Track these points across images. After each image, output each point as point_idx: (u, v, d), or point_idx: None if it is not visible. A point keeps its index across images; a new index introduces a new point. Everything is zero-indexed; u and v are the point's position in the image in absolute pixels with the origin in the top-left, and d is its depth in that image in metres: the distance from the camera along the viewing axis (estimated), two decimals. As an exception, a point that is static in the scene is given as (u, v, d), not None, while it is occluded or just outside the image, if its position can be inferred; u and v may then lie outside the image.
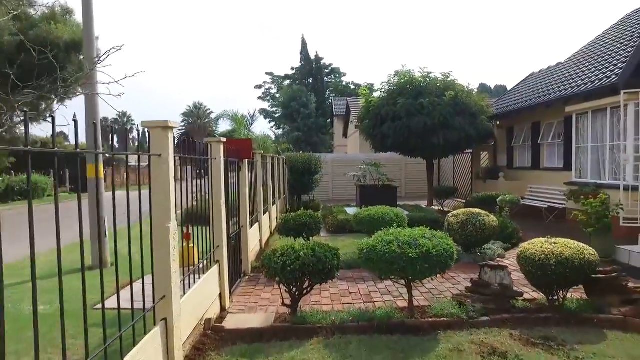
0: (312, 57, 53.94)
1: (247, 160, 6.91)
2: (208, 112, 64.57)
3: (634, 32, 12.25)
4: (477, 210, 7.68)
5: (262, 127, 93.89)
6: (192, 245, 6.52)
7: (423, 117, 13.21)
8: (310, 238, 7.38)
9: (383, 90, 14.96)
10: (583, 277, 4.69)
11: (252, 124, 22.48)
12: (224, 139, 5.25)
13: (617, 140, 9.43)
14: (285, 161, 15.41)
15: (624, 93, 7.79)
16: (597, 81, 10.16)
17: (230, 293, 5.72)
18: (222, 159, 5.25)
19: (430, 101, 13.26)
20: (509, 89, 27.14)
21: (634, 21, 13.38)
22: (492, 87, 71.22)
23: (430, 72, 14.45)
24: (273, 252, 4.56)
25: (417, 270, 4.16)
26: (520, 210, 13.26)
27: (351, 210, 12.23)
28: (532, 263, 4.67)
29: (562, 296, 4.87)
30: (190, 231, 5.29)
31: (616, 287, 4.96)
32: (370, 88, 15.63)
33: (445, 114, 13.03)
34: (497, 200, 9.95)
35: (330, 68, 56.30)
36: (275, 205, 12.38)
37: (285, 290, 4.53)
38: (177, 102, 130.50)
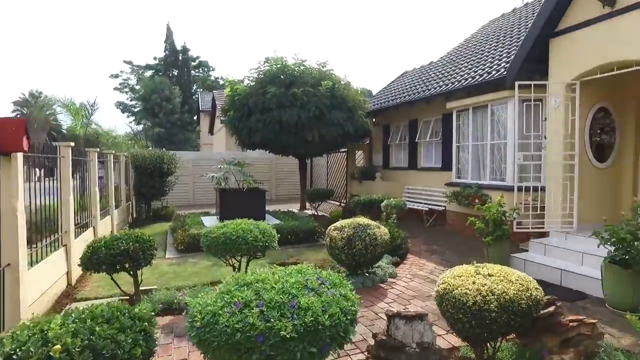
0: (179, 47, 49.30)
1: (21, 154, 4.22)
2: (50, 102, 54.87)
3: (499, 34, 12.55)
4: (366, 220, 6.13)
5: (118, 122, 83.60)
6: None
7: (296, 110, 11.53)
8: (138, 273, 4.97)
9: (252, 78, 12.89)
10: (529, 322, 3.29)
11: (92, 114, 18.40)
12: None
13: (498, 138, 8.89)
14: (130, 160, 12.35)
15: (519, 86, 7.04)
16: (477, 77, 9.59)
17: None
18: None
19: (305, 91, 11.65)
20: (374, 92, 27.60)
21: (501, 24, 13.95)
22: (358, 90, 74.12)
23: (305, 60, 12.87)
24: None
25: None
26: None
27: (209, 221, 9.91)
28: (463, 309, 3.10)
29: (493, 346, 3.44)
30: None
31: (553, 324, 3.73)
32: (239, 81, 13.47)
33: (321, 107, 11.53)
34: (382, 205, 8.68)
35: (197, 61, 52.18)
36: (109, 217, 9.43)
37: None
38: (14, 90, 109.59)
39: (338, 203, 15.84)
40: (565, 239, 6.75)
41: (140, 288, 5.04)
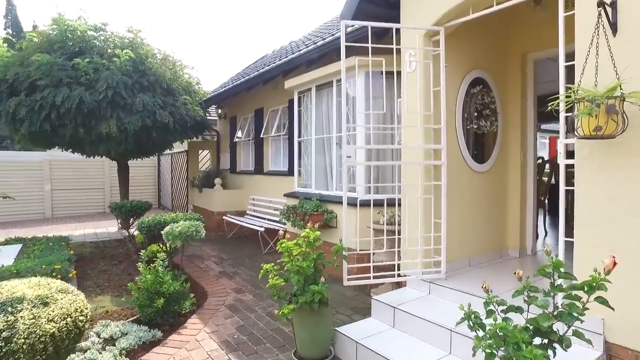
0: (29, 28, 41.22)
1: None
2: None
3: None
4: (21, 289, 2.78)
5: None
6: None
7: (80, 89, 7.82)
8: None
9: (25, 44, 8.70)
10: None
11: None
12: None
13: (348, 129, 6.13)
14: None
15: (348, 33, 4.20)
16: (319, 41, 6.79)
17: None
18: None
19: (94, 63, 7.98)
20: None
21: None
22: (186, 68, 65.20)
23: (107, 24, 9.12)
24: None
25: None
26: (241, 231, 9.36)
27: None
28: None
29: None
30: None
31: None
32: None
33: (115, 86, 7.94)
34: (163, 233, 5.42)
35: (58, 47, 44.27)
36: None
37: None
38: None
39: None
40: (429, 294, 4.03)
41: None
